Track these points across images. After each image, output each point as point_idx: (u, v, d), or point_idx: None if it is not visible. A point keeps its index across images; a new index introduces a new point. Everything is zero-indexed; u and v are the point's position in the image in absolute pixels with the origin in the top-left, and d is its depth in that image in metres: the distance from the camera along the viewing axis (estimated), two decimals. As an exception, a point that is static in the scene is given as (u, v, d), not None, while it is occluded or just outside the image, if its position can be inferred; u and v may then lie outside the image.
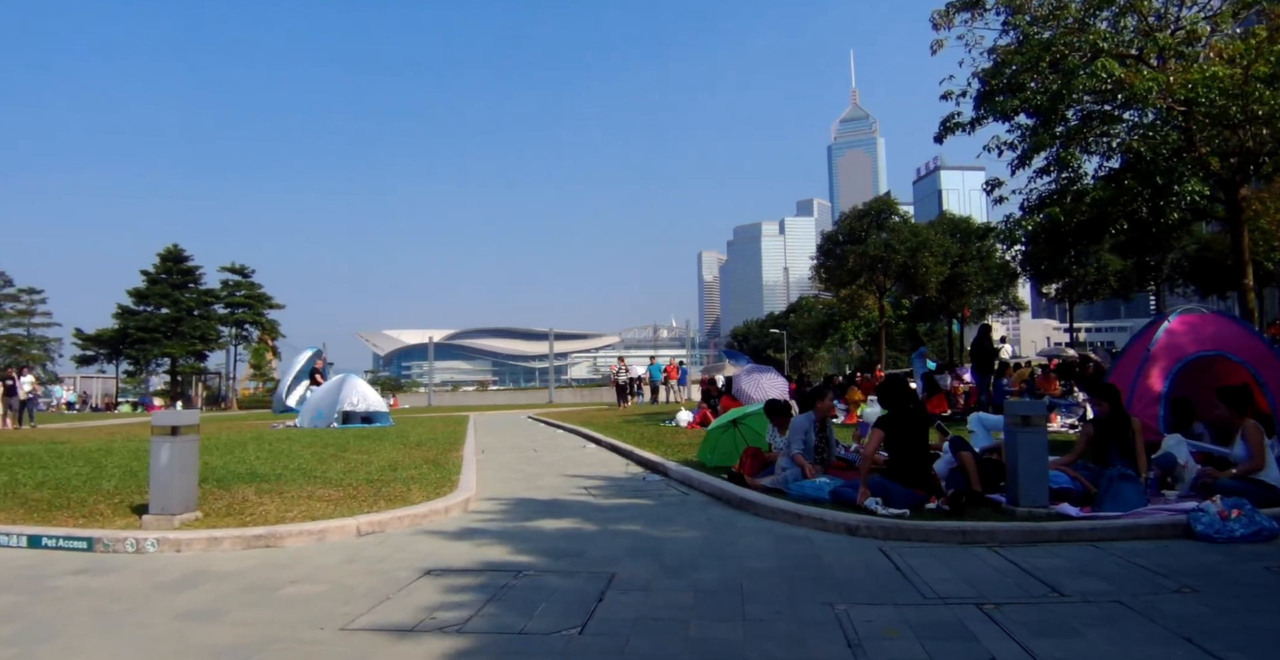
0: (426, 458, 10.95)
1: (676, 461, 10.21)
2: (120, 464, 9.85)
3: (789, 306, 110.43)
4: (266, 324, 69.64)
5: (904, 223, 49.72)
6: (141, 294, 65.52)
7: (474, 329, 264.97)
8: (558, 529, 6.32)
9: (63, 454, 11.36)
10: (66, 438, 15.79)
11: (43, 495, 7.14)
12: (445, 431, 17.06)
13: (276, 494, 7.32)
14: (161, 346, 62.94)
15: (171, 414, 6.18)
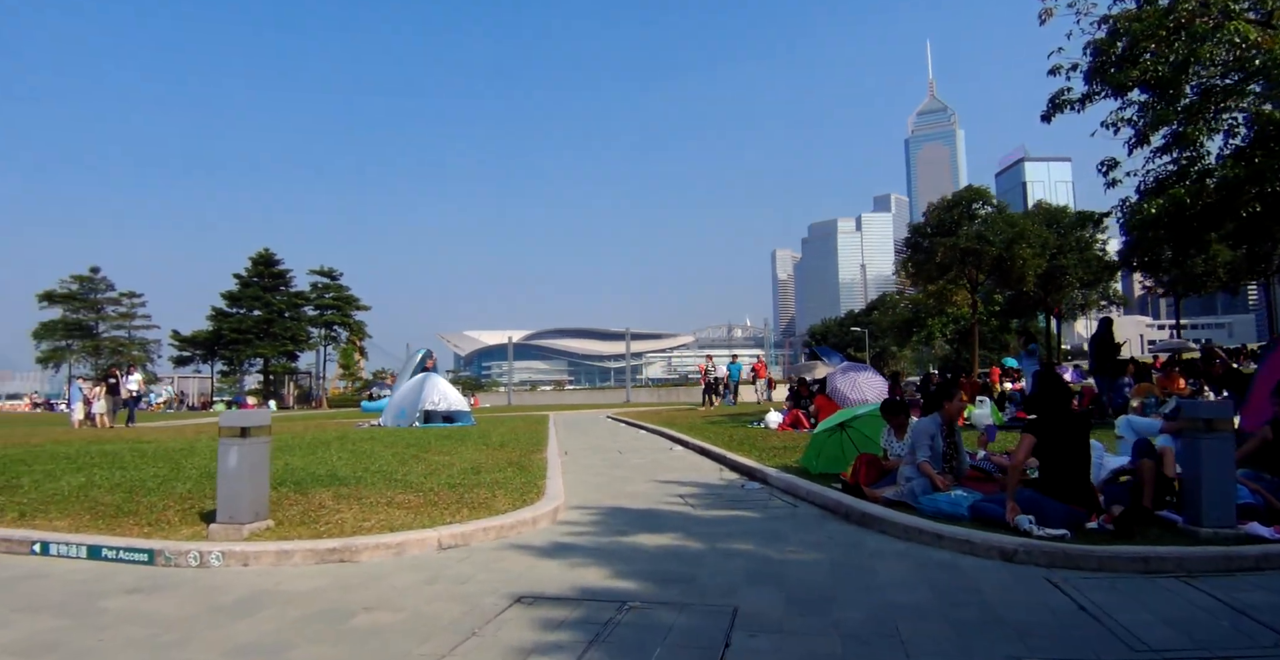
0: (510, 460, 10.39)
1: (776, 467, 9.37)
2: (199, 465, 9.59)
3: (869, 304, 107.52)
4: (354, 325, 71.36)
5: (998, 212, 47.26)
6: (234, 296, 67.94)
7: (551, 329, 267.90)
8: (659, 546, 5.58)
9: (146, 454, 11.24)
10: (154, 436, 15.91)
11: (113, 499, 6.80)
12: (526, 432, 16.57)
13: (354, 499, 6.81)
14: (254, 347, 65.09)
15: (241, 414, 5.71)
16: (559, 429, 18.58)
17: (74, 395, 27.28)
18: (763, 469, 9.40)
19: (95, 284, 72.63)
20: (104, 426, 24.98)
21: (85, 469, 9.23)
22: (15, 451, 11.97)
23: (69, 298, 71.16)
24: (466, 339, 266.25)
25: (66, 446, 12.94)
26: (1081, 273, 49.55)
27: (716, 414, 22.56)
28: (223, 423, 5.59)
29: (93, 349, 71.21)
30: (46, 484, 7.94)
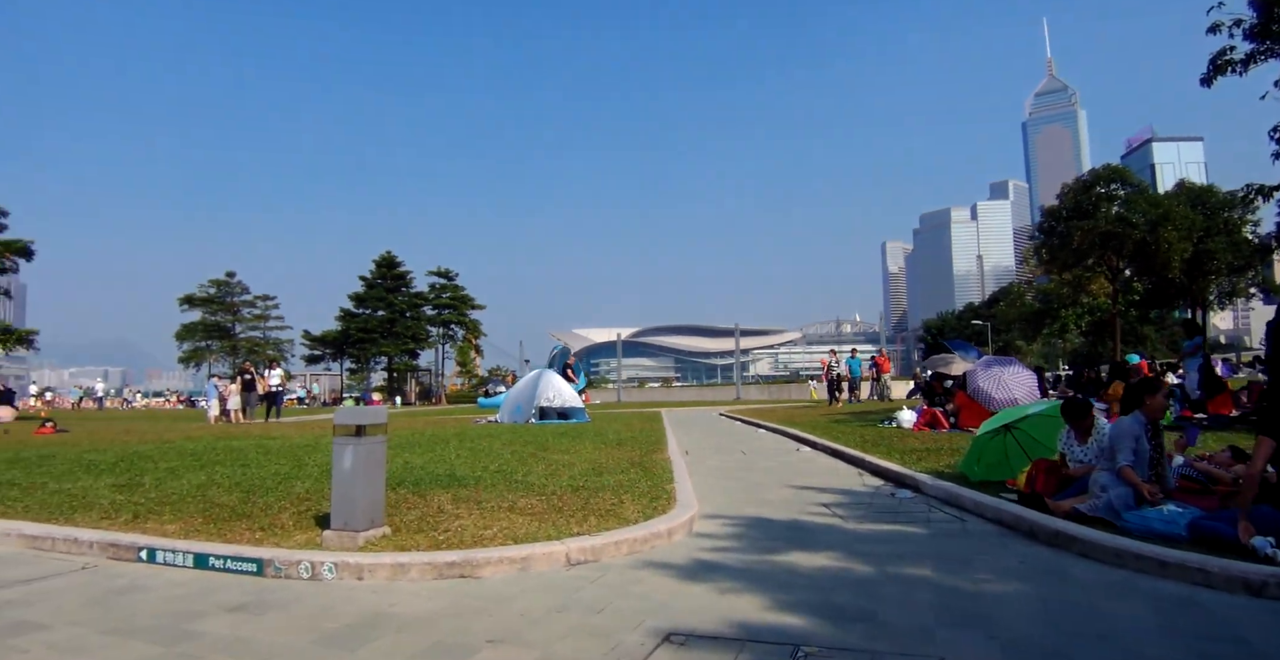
0: (631, 460, 9.78)
1: (926, 473, 8.39)
2: (320, 462, 9.41)
3: (990, 296, 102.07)
4: (470, 324, 73.12)
5: (1140, 192, 43.55)
6: (360, 298, 70.73)
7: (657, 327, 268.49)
8: (818, 569, 4.80)
9: (270, 450, 11.24)
10: (281, 432, 16.18)
11: (229, 500, 6.55)
12: (642, 429, 15.99)
13: (474, 503, 6.32)
14: (379, 346, 67.60)
15: (355, 411, 5.26)
16: (673, 427, 17.92)
17: (210, 392, 28.58)
18: (912, 475, 8.44)
19: (232, 288, 77.02)
20: (237, 422, 26.01)
21: (208, 466, 9.19)
22: (147, 447, 12.25)
23: (208, 301, 75.72)
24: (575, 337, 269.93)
25: (196, 443, 13.20)
26: (1230, 257, 45.09)
27: (839, 412, 21.40)
28: (337, 420, 5.16)
29: (230, 349, 75.58)
30: (168, 482, 7.85)
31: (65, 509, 6.34)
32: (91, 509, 6.32)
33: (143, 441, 14.14)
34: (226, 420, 26.59)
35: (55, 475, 8.67)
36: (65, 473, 8.87)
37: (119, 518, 5.91)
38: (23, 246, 31.60)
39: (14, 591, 4.37)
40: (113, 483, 7.87)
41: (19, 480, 8.22)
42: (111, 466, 9.43)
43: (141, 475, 8.43)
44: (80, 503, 6.65)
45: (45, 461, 10.32)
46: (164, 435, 16.02)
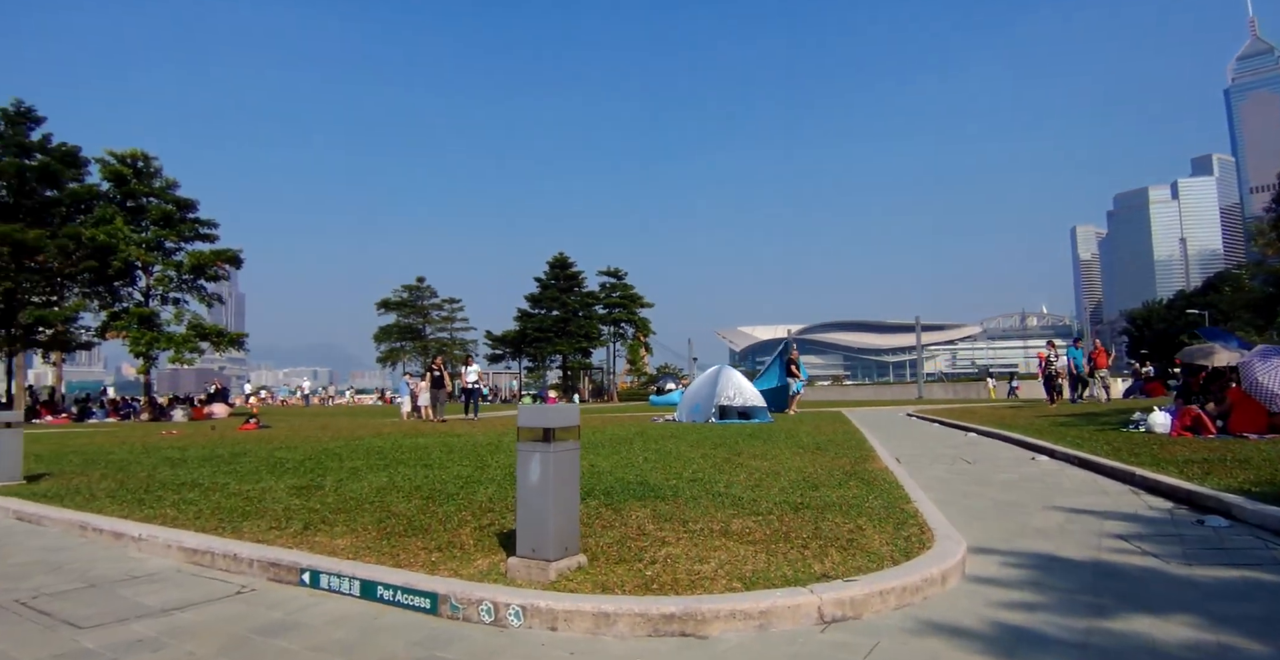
0: (844, 469, 8.40)
1: (1235, 493, 6.48)
2: (504, 464, 8.72)
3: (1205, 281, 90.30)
4: (639, 321, 73.47)
5: None
6: (535, 298, 72.80)
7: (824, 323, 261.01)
8: (1188, 647, 3.31)
9: (453, 449, 10.77)
10: (465, 430, 15.97)
11: (408, 508, 5.83)
12: (835, 431, 14.50)
13: (679, 522, 5.24)
14: (554, 344, 69.26)
15: (543, 411, 4.26)
16: (867, 429, 16.24)
17: (402, 390, 29.69)
18: (1214, 495, 6.54)
19: (422, 292, 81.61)
20: (427, 418, 26.77)
21: (391, 466, 8.73)
22: (336, 444, 12.18)
23: (401, 305, 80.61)
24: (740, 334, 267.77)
25: (383, 440, 13.08)
26: None
27: (1059, 413, 18.79)
28: (522, 422, 4.19)
29: (421, 349, 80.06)
30: (348, 484, 7.34)
31: (236, 516, 5.84)
32: (263, 516, 5.79)
33: (334, 438, 14.26)
34: (418, 416, 27.46)
35: (240, 475, 8.46)
36: (250, 472, 8.66)
37: (289, 528, 5.30)
38: (233, 255, 34.15)
39: (150, 626, 3.71)
40: (293, 485, 7.46)
41: (203, 480, 8.03)
42: (297, 466, 9.19)
43: (323, 476, 8.03)
44: (254, 508, 6.16)
45: (236, 459, 10.31)
46: (356, 432, 16.26)
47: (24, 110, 30.38)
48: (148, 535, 5.22)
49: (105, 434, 19.31)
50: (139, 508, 6.39)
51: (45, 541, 5.64)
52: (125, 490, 7.51)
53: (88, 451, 12.53)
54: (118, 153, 32.70)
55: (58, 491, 7.55)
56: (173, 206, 33.46)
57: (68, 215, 31.81)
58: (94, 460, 10.84)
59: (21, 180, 30.08)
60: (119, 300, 33.64)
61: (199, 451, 11.89)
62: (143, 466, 9.69)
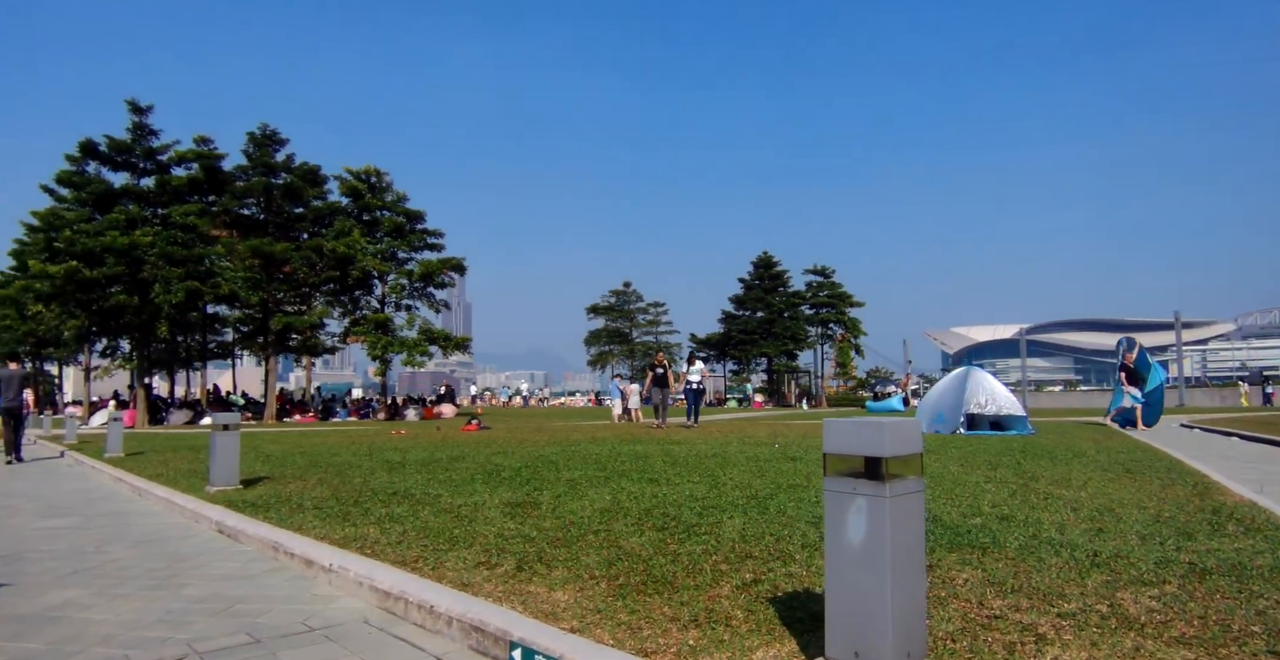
0: (1191, 503, 6.16)
1: None
2: (740, 483, 7.30)
3: None
4: (849, 322, 69.91)
5: None
6: (739, 299, 71.38)
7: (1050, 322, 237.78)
8: None
9: (676, 459, 9.51)
10: (684, 436, 14.76)
11: (640, 544, 4.52)
12: (1123, 446, 11.87)
13: (1036, 596, 3.49)
14: (759, 347, 67.43)
15: (865, 430, 2.61)
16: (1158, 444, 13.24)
17: (614, 392, 29.42)
18: None
19: (628, 296, 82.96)
20: (637, 421, 26.28)
21: (612, 480, 7.57)
22: (552, 451, 11.35)
23: (609, 309, 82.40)
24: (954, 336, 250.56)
25: (600, 446, 12.14)
26: None
27: None
28: (832, 445, 2.63)
29: (629, 353, 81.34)
30: (567, 502, 6.22)
31: (442, 541, 4.81)
32: (472, 543, 4.73)
33: (550, 442, 13.57)
34: (628, 419, 27.03)
35: (454, 484, 7.65)
36: (465, 481, 7.84)
37: (499, 566, 4.16)
38: (457, 263, 35.58)
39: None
40: (507, 500, 6.46)
41: (415, 490, 7.26)
42: (513, 475, 8.30)
43: (540, 489, 7.01)
44: (463, 531, 5.14)
45: (453, 465, 9.67)
46: (571, 435, 15.57)
47: (269, 133, 33.23)
48: (339, 566, 4.28)
49: (340, 433, 20.11)
50: (341, 524, 5.60)
51: (231, 567, 4.90)
52: (335, 500, 6.87)
53: (315, 452, 12.59)
54: (354, 170, 35.08)
55: (268, 500, 7.05)
56: (403, 218, 35.40)
57: (311, 229, 34.51)
58: (317, 462, 10.66)
59: (269, 198, 32.92)
60: (358, 307, 36.07)
61: (419, 454, 11.50)
62: (360, 471, 9.25)
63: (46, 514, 7.45)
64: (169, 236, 28.52)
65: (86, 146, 29.40)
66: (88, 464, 12.47)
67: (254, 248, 30.34)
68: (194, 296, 29.18)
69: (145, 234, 27.68)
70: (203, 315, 34.33)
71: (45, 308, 29.40)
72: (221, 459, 7.88)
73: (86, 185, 29.27)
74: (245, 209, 33.23)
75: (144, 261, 28.00)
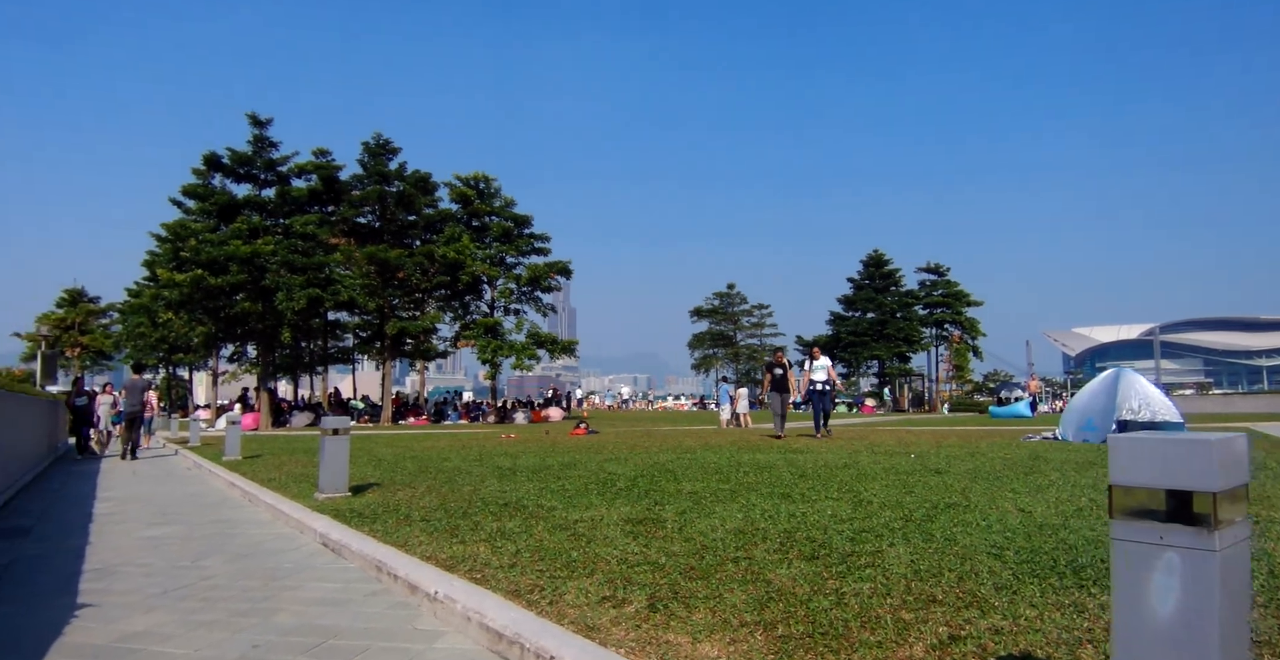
0: None
1: None
2: (888, 500, 6.44)
3: None
4: (966, 322, 66.60)
5: None
6: (849, 300, 69.17)
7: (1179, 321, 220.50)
8: None
9: (803, 471, 8.69)
10: (804, 444, 13.85)
11: (790, 578, 3.75)
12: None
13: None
14: (869, 349, 65.09)
15: (1176, 450, 1.77)
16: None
17: (722, 397, 28.64)
18: None
19: (732, 298, 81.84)
20: (746, 426, 25.40)
21: (738, 494, 6.84)
22: (666, 458, 10.71)
23: (712, 312, 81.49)
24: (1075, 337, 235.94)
25: (716, 454, 11.42)
26: None
27: None
28: (1123, 475, 1.81)
29: (733, 356, 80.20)
30: (693, 520, 5.53)
31: (560, 567, 4.21)
32: (593, 570, 4.10)
33: (661, 448, 12.96)
34: (736, 424, 26.17)
35: (568, 495, 7.09)
36: (579, 492, 7.27)
37: (628, 603, 3.51)
38: (564, 266, 35.62)
39: None
40: (627, 515, 5.83)
41: (528, 501, 6.73)
42: (629, 485, 7.69)
43: (660, 504, 6.35)
44: (582, 554, 4.53)
45: (566, 472, 9.15)
46: (682, 441, 14.92)
47: (382, 143, 34.11)
48: (446, 595, 3.73)
49: (451, 437, 20.11)
50: (450, 540, 5.09)
51: (330, 588, 4.44)
52: (443, 511, 6.41)
53: (426, 457, 12.37)
54: (463, 176, 35.61)
55: (375, 509, 6.67)
56: (511, 223, 35.68)
57: (423, 236, 35.22)
58: (427, 468, 10.36)
59: (384, 206, 33.77)
60: (468, 312, 36.59)
61: (530, 460, 11.09)
62: (470, 479, 8.85)
63: (153, 521, 7.32)
64: (290, 245, 29.57)
65: (211, 159, 30.80)
66: (205, 467, 12.64)
67: (370, 255, 31.14)
68: (315, 303, 30.16)
69: (267, 243, 28.74)
70: (324, 321, 35.52)
71: (175, 315, 31.02)
72: (330, 465, 7.59)
73: (211, 196, 30.63)
74: (361, 217, 34.24)
75: (266, 269, 29.10)
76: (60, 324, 45.77)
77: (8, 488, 9.26)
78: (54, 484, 11.32)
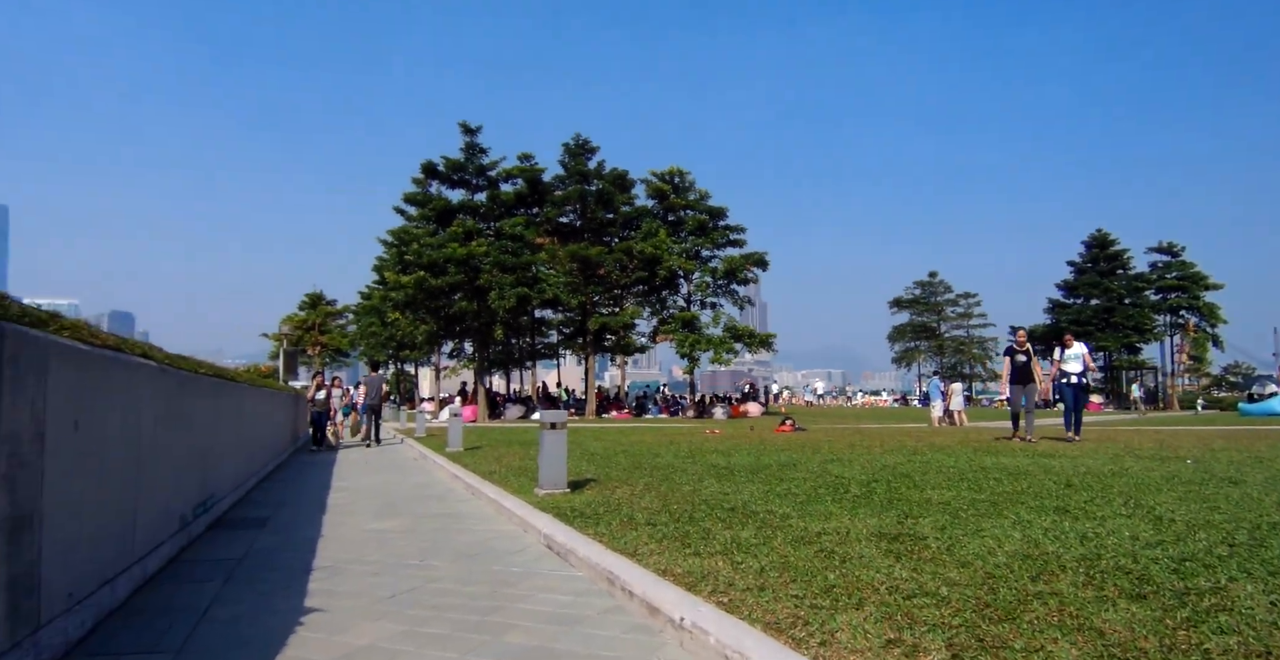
0: None
1: None
2: (1194, 520, 5.29)
3: None
4: (1204, 308, 58.59)
5: None
6: (1070, 285, 63.14)
7: None
8: None
9: (1069, 481, 7.52)
10: (1050, 448, 12.35)
11: (1123, 624, 2.92)
12: None
13: None
14: (1094, 339, 58.94)
15: None
16: None
17: (933, 392, 26.84)
18: None
19: (934, 287, 77.18)
20: (961, 425, 23.64)
21: (1002, 505, 5.91)
22: (894, 460, 9.79)
23: (914, 302, 77.25)
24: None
25: (949, 456, 10.34)
26: None
27: None
28: None
29: (937, 349, 75.61)
30: (959, 537, 4.72)
31: (818, 594, 3.60)
32: (861, 602, 3.46)
33: (883, 448, 12.01)
34: (949, 422, 24.47)
35: (797, 500, 6.47)
36: (810, 498, 6.62)
37: (925, 652, 2.83)
38: (759, 257, 34.81)
39: None
40: (876, 528, 5.13)
41: (755, 506, 6.17)
42: (864, 491, 6.95)
43: (912, 515, 5.58)
44: (839, 577, 3.90)
45: (786, 473, 8.53)
46: (902, 441, 13.82)
47: (581, 143, 34.99)
48: (694, 623, 3.25)
49: (656, 431, 20.05)
50: (681, 550, 4.65)
51: (561, 601, 4.10)
52: (667, 514, 6.01)
53: (636, 452, 12.18)
54: (658, 172, 35.75)
55: (596, 508, 6.39)
56: (706, 216, 35.40)
57: (620, 233, 35.74)
58: (640, 464, 10.11)
59: (584, 205, 34.59)
60: (665, 307, 36.73)
61: (744, 458, 10.56)
62: (687, 477, 8.45)
63: (381, 513, 7.46)
64: (501, 246, 31.05)
65: (428, 168, 32.98)
66: (430, 458, 13.17)
67: (573, 253, 32.04)
68: (523, 302, 31.53)
69: (480, 245, 30.35)
70: (531, 319, 37.01)
71: (401, 315, 33.52)
72: (549, 459, 7.44)
73: (429, 203, 32.82)
74: (563, 217, 35.35)
75: (480, 270, 30.71)
76: (302, 325, 51.06)
77: (252, 476, 9.98)
78: (293, 473, 12.19)
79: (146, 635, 3.55)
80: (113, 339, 4.02)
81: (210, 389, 6.76)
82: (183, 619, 3.82)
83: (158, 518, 4.89)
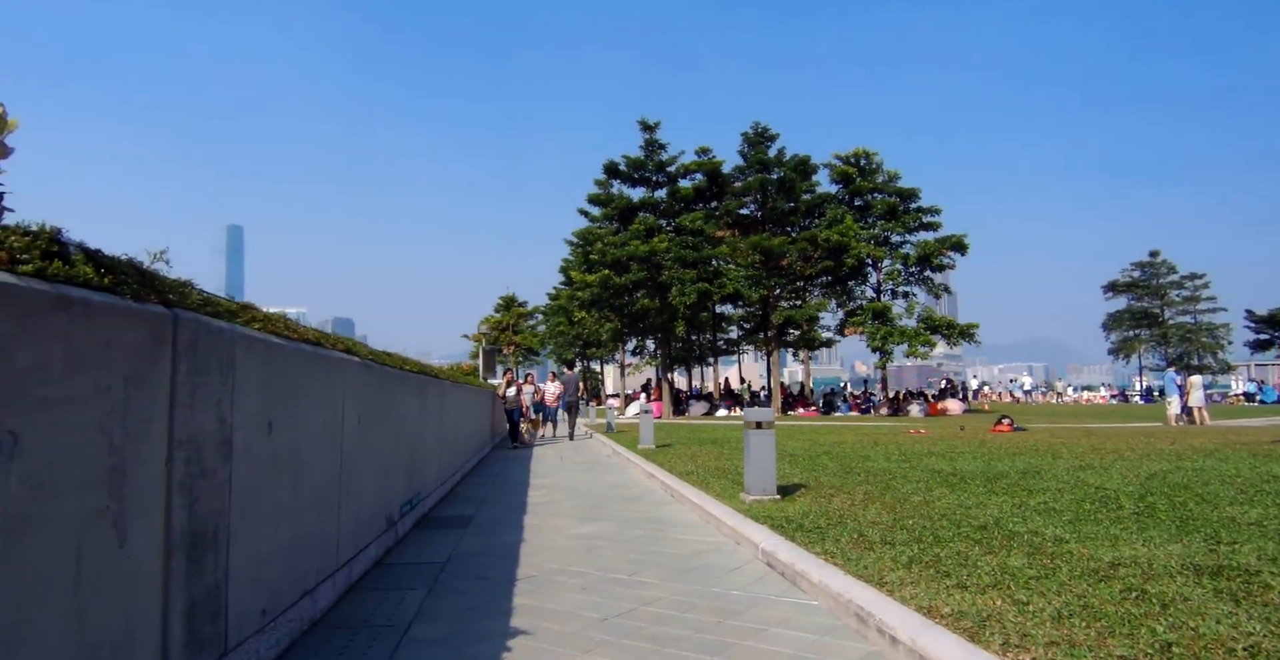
0: None
1: None
2: None
3: None
4: None
5: None
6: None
7: None
8: None
9: None
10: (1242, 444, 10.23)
11: None
12: None
13: None
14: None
15: None
16: None
17: (1169, 387, 23.77)
18: None
19: (1156, 268, 69.15)
20: (1203, 423, 20.79)
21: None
22: (1158, 466, 8.33)
23: (1131, 286, 69.56)
24: None
25: (1224, 462, 8.70)
26: None
27: None
28: None
29: (1160, 337, 67.75)
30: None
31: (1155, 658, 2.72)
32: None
33: (1133, 451, 10.40)
34: (1188, 420, 21.53)
35: (1064, 518, 5.41)
36: (1077, 514, 5.55)
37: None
38: (958, 240, 32.28)
39: None
40: (1184, 558, 4.08)
41: (1014, 525, 5.18)
42: (1142, 507, 5.77)
43: (1223, 541, 4.44)
44: (1171, 629, 2.98)
45: (1030, 482, 7.39)
46: (1147, 442, 12.00)
47: (761, 131, 33.96)
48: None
49: (852, 430, 18.89)
50: (940, 581, 3.85)
51: (801, 641, 3.44)
52: (902, 530, 5.19)
53: (840, 453, 11.27)
54: (842, 155, 34.07)
55: (816, 520, 5.67)
56: (895, 198, 33.35)
57: (803, 222, 34.41)
58: (850, 468, 9.22)
59: (764, 195, 33.57)
60: (851, 298, 34.98)
61: (970, 463, 9.41)
62: (910, 484, 7.52)
63: (582, 516, 7.10)
64: (681, 241, 30.76)
65: (610, 168, 33.24)
66: (623, 455, 12.91)
67: (754, 244, 31.19)
68: (704, 297, 31.08)
69: (661, 241, 30.19)
70: (712, 314, 36.50)
71: (586, 313, 34.06)
72: (757, 463, 6.79)
73: (611, 202, 33.09)
74: (743, 209, 34.53)
75: (662, 266, 30.56)
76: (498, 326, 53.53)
77: (456, 472, 10.05)
78: (494, 468, 12.29)
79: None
80: (312, 333, 3.79)
81: (415, 385, 6.68)
82: (383, 638, 3.52)
83: (363, 520, 4.72)
